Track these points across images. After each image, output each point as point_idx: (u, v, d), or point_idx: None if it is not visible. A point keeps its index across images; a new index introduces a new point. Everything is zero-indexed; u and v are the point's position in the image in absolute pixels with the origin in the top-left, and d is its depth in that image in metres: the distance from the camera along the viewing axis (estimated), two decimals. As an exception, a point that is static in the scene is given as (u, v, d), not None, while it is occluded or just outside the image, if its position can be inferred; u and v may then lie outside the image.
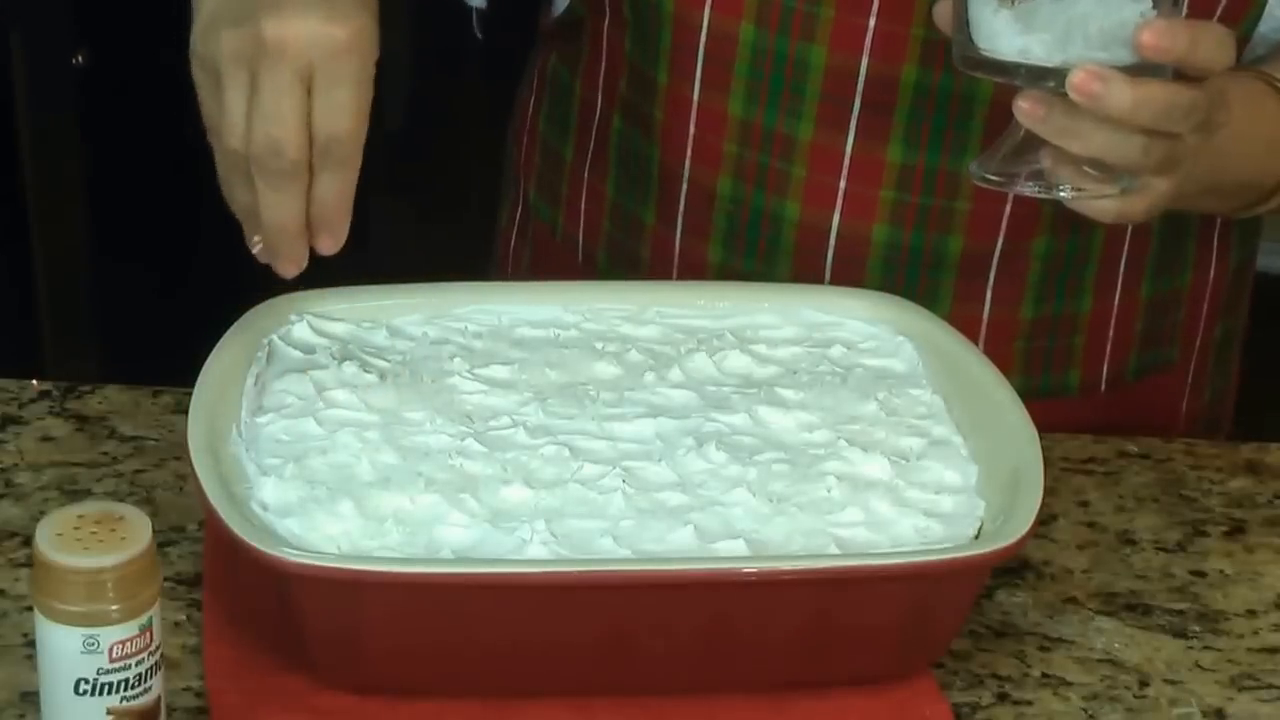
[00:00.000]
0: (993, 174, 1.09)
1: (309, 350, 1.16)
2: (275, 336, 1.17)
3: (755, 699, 1.04)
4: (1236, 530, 1.22)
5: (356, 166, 1.06)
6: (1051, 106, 1.04)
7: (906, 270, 1.28)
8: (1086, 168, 1.08)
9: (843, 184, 1.26)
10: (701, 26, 1.25)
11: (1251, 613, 1.15)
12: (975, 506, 1.07)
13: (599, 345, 1.19)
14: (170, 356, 1.30)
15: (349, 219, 1.07)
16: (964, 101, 1.23)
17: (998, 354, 1.20)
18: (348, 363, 1.15)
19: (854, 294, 1.24)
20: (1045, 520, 1.18)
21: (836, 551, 1.03)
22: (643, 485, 1.07)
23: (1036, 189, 1.09)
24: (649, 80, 1.29)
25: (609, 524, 1.04)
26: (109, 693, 0.93)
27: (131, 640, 0.93)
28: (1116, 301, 1.32)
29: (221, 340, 1.14)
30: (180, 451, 1.13)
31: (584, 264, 1.38)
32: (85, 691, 0.93)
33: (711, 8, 1.24)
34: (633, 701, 1.03)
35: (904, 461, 1.10)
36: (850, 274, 1.28)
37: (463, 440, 1.10)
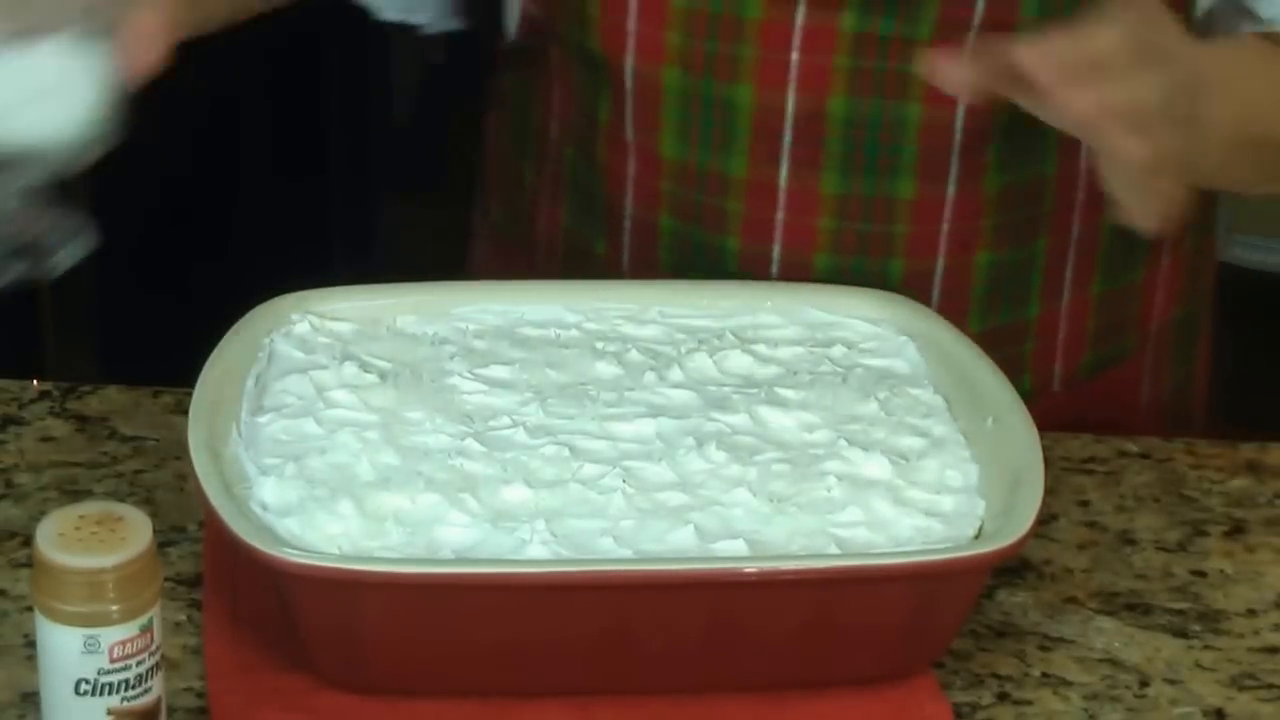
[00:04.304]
0: None
1: (309, 350, 1.16)
2: (276, 336, 1.17)
3: (755, 699, 1.04)
4: (1237, 530, 1.22)
5: None
6: None
7: None
8: None
9: (780, 215, 1.26)
10: (626, 70, 1.25)
11: (1252, 612, 1.15)
12: (975, 506, 1.07)
13: (599, 345, 1.19)
14: (170, 356, 1.30)
15: None
16: (895, 128, 1.23)
17: None
18: (348, 363, 1.15)
19: (857, 293, 1.24)
20: (1045, 520, 1.18)
21: (837, 551, 1.03)
22: (643, 485, 1.07)
23: None
24: (591, 118, 1.29)
25: (609, 524, 1.04)
26: (109, 693, 0.93)
27: (132, 640, 0.93)
28: (1065, 303, 1.30)
29: (222, 340, 1.14)
30: (180, 451, 1.13)
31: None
32: (86, 692, 0.93)
33: (635, 53, 1.24)
34: (633, 701, 1.03)
35: (904, 461, 1.10)
36: None
37: (463, 440, 1.10)
